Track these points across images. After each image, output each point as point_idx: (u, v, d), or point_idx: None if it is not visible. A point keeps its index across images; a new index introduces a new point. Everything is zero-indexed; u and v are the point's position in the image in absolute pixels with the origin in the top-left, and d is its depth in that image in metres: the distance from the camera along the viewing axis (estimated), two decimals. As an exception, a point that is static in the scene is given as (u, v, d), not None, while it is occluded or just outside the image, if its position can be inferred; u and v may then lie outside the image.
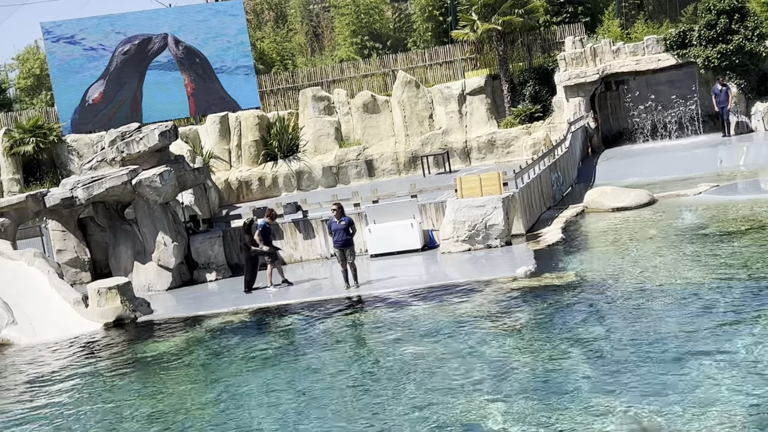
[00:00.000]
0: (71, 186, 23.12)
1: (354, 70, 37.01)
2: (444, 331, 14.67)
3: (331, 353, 14.58)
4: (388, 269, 20.74)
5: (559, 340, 13.20)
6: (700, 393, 10.26)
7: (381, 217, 22.58)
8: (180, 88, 35.56)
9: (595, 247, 19.83)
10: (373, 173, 34.41)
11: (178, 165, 23.55)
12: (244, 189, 34.21)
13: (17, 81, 46.51)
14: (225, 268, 23.49)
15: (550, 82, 33.87)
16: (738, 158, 28.11)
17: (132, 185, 22.57)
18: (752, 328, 12.24)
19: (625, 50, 32.45)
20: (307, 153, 34.65)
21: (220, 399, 13.08)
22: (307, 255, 23.95)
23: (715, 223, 20.13)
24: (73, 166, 32.57)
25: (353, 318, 17.06)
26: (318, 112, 35.17)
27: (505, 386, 11.47)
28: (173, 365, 15.49)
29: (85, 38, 35.12)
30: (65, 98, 34.96)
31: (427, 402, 11.36)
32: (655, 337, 12.52)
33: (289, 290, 20.25)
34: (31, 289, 20.98)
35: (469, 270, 19.42)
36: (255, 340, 16.41)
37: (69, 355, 17.41)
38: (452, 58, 36.17)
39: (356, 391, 12.41)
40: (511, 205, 21.52)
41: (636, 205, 23.52)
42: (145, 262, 23.21)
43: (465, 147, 34.10)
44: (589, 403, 10.46)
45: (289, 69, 39.75)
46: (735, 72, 30.61)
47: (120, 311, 19.57)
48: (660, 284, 15.38)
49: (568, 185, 28.39)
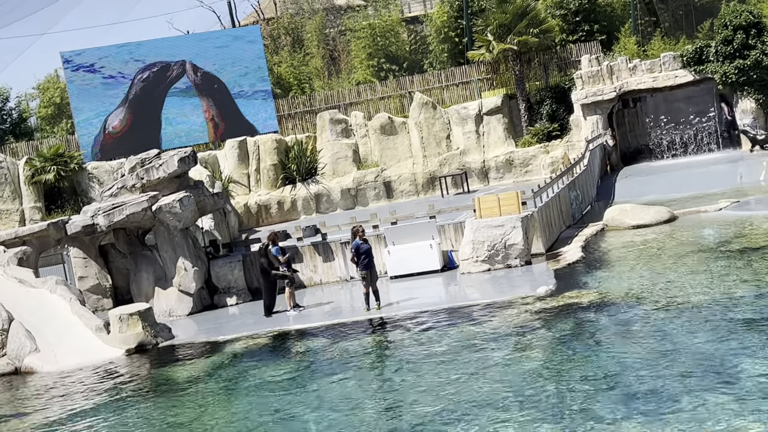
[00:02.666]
0: (92, 213, 23.28)
1: (371, 92, 37.16)
2: (464, 350, 14.60)
3: (352, 376, 14.54)
4: (408, 291, 20.70)
5: (580, 360, 13.10)
6: (724, 419, 10.15)
7: (400, 239, 22.58)
8: (198, 113, 35.84)
9: (616, 266, 19.71)
10: (392, 195, 34.45)
11: (198, 190, 23.68)
12: (264, 213, 34.33)
13: (38, 110, 46.97)
14: (245, 292, 23.53)
15: (567, 101, 33.85)
16: (758, 173, 27.94)
17: (152, 211, 22.70)
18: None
19: (641, 67, 32.41)
20: (326, 176, 34.77)
21: (242, 424, 13.06)
22: (327, 278, 23.95)
23: (737, 239, 19.98)
24: (93, 194, 32.81)
25: (374, 340, 17.02)
26: (335, 134, 35.30)
27: (525, 406, 11.39)
28: (196, 390, 15.49)
29: (105, 66, 35.51)
30: (85, 126, 35.31)
31: (451, 419, 11.30)
32: (677, 358, 12.40)
33: (310, 313, 20.25)
34: (53, 316, 21.10)
35: (489, 290, 19.35)
36: (276, 364, 16.39)
37: (91, 382, 17.45)
38: (468, 79, 36.25)
39: (380, 416, 12.35)
40: (530, 225, 21.46)
41: (656, 222, 23.40)
42: (166, 287, 23.30)
43: (483, 167, 34.09)
44: (607, 422, 10.37)
45: (307, 93, 39.96)
46: (753, 87, 30.48)
47: (141, 337, 19.63)
48: (682, 302, 15.25)
49: (588, 203, 28.28)
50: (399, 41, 43.74)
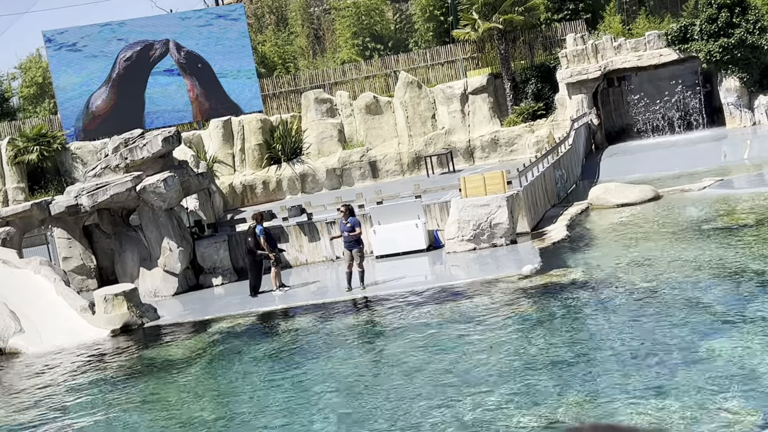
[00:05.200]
0: (76, 193, 23.15)
1: (356, 71, 37.02)
2: (449, 329, 14.65)
3: (337, 355, 14.57)
4: (393, 270, 20.73)
5: (565, 337, 13.18)
6: (696, 395, 10.23)
7: (385, 218, 22.58)
8: (182, 93, 35.62)
9: (601, 244, 19.79)
10: (377, 174, 34.42)
11: (182, 170, 23.57)
12: (249, 193, 34.24)
13: (20, 90, 46.58)
14: (231, 272, 23.50)
15: (552, 80, 33.85)
16: (742, 152, 28.06)
17: (136, 191, 22.60)
18: (754, 325, 12.20)
19: (626, 46, 32.41)
20: (311, 155, 34.68)
21: (227, 402, 13.08)
22: (313, 257, 23.95)
23: (720, 217, 20.09)
24: (77, 174, 32.63)
25: (359, 319, 17.06)
26: (320, 114, 35.19)
27: (511, 384, 11.45)
28: (181, 370, 15.49)
29: (87, 45, 35.20)
30: (68, 106, 35.04)
31: (435, 399, 11.34)
32: (658, 335, 12.49)
33: (296, 293, 20.25)
34: (38, 297, 21.01)
35: (474, 269, 19.40)
36: (261, 343, 16.40)
37: (77, 362, 17.42)
38: (454, 58, 36.16)
39: (363, 392, 12.39)
40: (515, 204, 21.50)
41: (641, 201, 23.49)
42: (151, 268, 23.25)
43: (468, 146, 34.09)
44: (585, 396, 10.45)
45: (291, 72, 39.79)
46: (737, 66, 30.56)
47: (127, 317, 19.59)
48: (666, 280, 15.34)
49: (572, 182, 28.35)
50: (384, 20, 43.55)
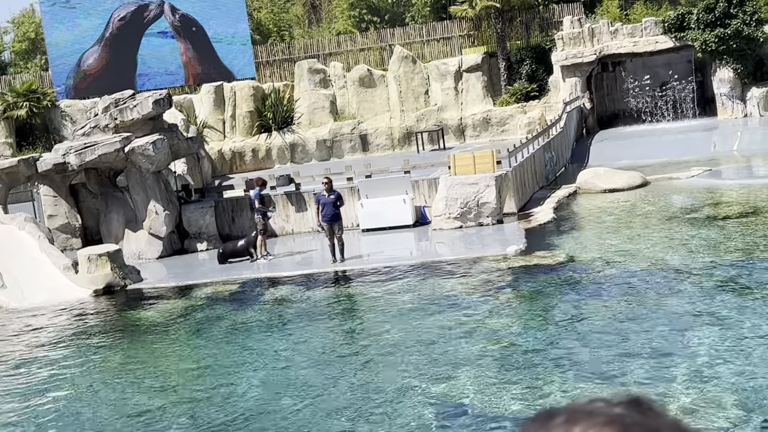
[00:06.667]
0: (64, 151, 23.04)
1: (351, 43, 36.84)
2: (430, 306, 14.72)
3: (315, 325, 14.63)
4: (378, 244, 20.78)
5: (542, 318, 13.26)
6: (678, 377, 10.33)
7: (373, 192, 22.58)
8: (175, 56, 35.37)
9: (587, 228, 19.87)
10: (367, 148, 34.35)
11: (172, 134, 23.48)
12: (238, 160, 34.13)
13: (12, 44, 46.18)
14: (216, 238, 23.48)
15: (547, 62, 33.77)
16: (732, 143, 28.15)
17: (125, 153, 22.50)
18: (732, 311, 12.30)
19: (623, 31, 32.35)
20: (302, 126, 34.56)
21: (205, 366, 13.12)
22: (299, 228, 23.95)
23: (705, 206, 20.19)
24: (66, 132, 32.40)
25: (341, 291, 17.12)
26: (313, 84, 35.03)
27: (485, 361, 11.52)
28: (161, 332, 15.52)
29: (82, 3, 34.86)
30: (60, 63, 34.76)
31: (407, 375, 11.41)
32: (637, 320, 12.58)
33: (281, 262, 20.28)
34: (22, 253, 20.96)
35: (459, 247, 19.46)
36: (243, 310, 16.44)
37: (57, 320, 17.42)
38: (450, 35, 36.02)
39: (338, 363, 12.45)
40: (503, 184, 21.53)
41: (628, 187, 23.56)
42: (136, 230, 23.20)
43: (460, 124, 34.05)
44: (561, 376, 10.53)
45: (286, 40, 39.59)
46: (732, 56, 30.57)
47: (110, 278, 19.57)
48: (648, 267, 15.43)
49: (562, 165, 28.40)
50: (382, -7, 43.36)
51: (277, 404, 11.06)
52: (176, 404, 11.64)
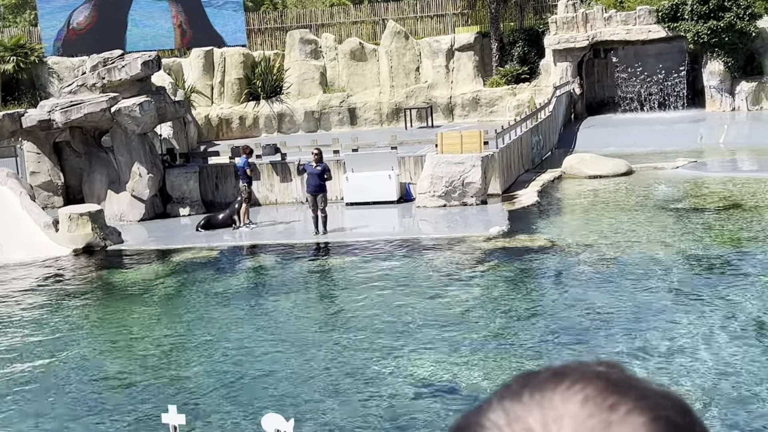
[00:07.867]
0: (49, 108, 22.84)
1: (344, 15, 36.63)
2: (409, 282, 14.76)
3: (292, 295, 14.65)
4: (361, 218, 20.78)
5: (520, 300, 13.34)
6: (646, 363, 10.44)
7: (359, 166, 22.54)
8: (166, 18, 35.05)
9: (569, 213, 19.95)
10: (355, 122, 34.24)
11: (159, 96, 23.32)
12: (224, 127, 33.96)
13: (1, -2, 45.63)
14: (199, 204, 23.38)
15: (539, 45, 33.69)
16: (718, 136, 28.25)
17: (111, 113, 22.33)
18: (703, 303, 12.42)
19: (616, 18, 32.31)
20: (291, 96, 34.40)
21: (180, 329, 13.13)
22: (283, 198, 23.89)
23: (687, 197, 20.30)
24: (52, 89, 32.11)
25: (321, 263, 17.13)
26: (304, 55, 34.84)
27: (457, 338, 11.59)
28: (138, 295, 15.51)
29: (73, -41, 34.44)
30: (49, 19, 34.39)
31: (377, 347, 11.46)
32: (612, 306, 12.68)
33: (263, 231, 20.25)
34: (2, 209, 20.82)
35: (442, 226, 19.49)
36: (221, 276, 16.43)
37: (34, 277, 17.37)
38: (444, 12, 35.87)
39: (312, 332, 12.49)
40: (489, 165, 21.54)
41: (613, 174, 23.63)
42: (118, 191, 23.08)
43: (449, 103, 33.98)
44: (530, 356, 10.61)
45: (279, 9, 39.30)
46: (723, 49, 30.58)
47: (90, 238, 19.49)
48: (627, 253, 15.52)
49: (548, 149, 28.43)
50: (378, -34, 43.02)
51: (249, 371, 11.08)
52: (145, 369, 11.64)
